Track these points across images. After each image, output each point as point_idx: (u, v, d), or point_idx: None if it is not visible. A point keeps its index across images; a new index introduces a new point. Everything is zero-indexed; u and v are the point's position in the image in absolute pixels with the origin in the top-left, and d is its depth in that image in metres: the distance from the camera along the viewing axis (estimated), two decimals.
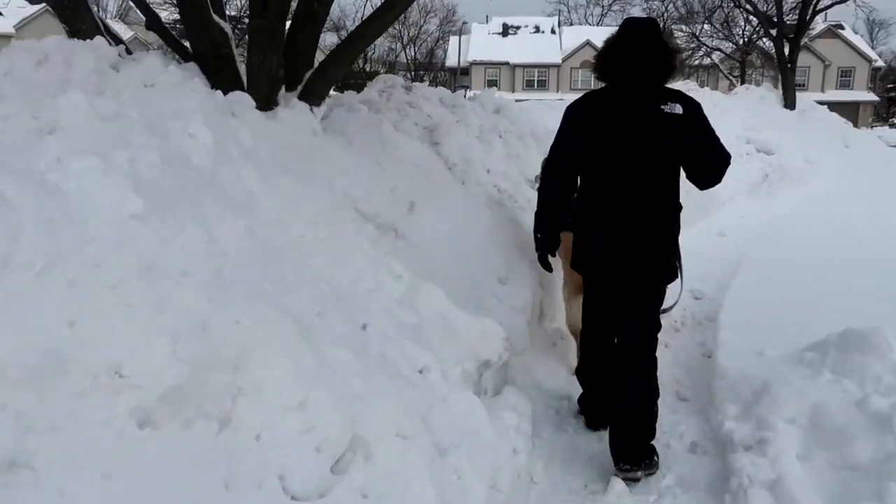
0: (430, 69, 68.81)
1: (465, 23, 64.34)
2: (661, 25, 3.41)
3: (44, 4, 4.10)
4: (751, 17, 22.13)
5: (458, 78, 54.81)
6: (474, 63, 55.45)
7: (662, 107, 3.03)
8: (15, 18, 43.66)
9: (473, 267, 4.01)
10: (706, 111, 3.23)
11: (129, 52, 3.76)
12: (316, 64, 4.42)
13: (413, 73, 66.64)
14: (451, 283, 3.51)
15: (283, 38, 4.12)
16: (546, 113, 7.97)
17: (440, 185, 4.58)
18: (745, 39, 32.40)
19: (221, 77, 3.80)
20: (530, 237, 3.62)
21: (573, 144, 3.16)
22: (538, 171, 4.38)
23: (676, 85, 10.11)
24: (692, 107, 3.10)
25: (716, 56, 37.93)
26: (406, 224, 3.93)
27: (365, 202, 3.68)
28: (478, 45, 56.61)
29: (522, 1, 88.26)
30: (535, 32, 58.08)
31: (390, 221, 3.81)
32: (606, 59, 3.19)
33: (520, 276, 4.19)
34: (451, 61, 55.26)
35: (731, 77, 34.50)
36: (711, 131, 3.16)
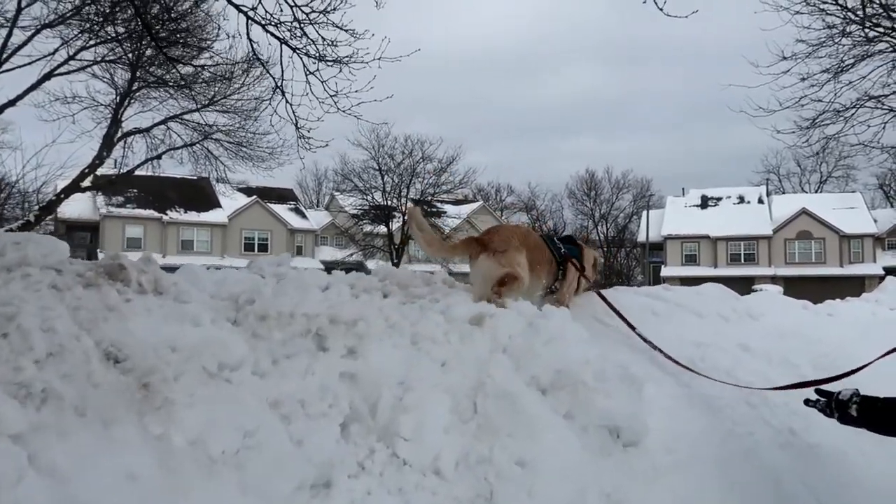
0: (623, 245, 65.47)
1: (652, 195, 61.20)
2: None
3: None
4: None
5: (648, 253, 50.44)
6: (669, 237, 51.02)
7: None
8: (229, 210, 48.59)
9: None
10: None
11: None
12: None
13: (606, 249, 63.87)
14: None
15: None
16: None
17: None
18: None
19: None
20: None
21: None
22: None
23: None
24: None
25: None
26: None
27: None
28: (673, 218, 52.52)
29: (724, 172, 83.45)
30: (739, 203, 52.76)
31: None
32: None
33: None
34: (644, 236, 51.57)
35: None
36: None
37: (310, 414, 2.31)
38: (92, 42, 16.08)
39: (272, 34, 5.52)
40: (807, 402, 3.00)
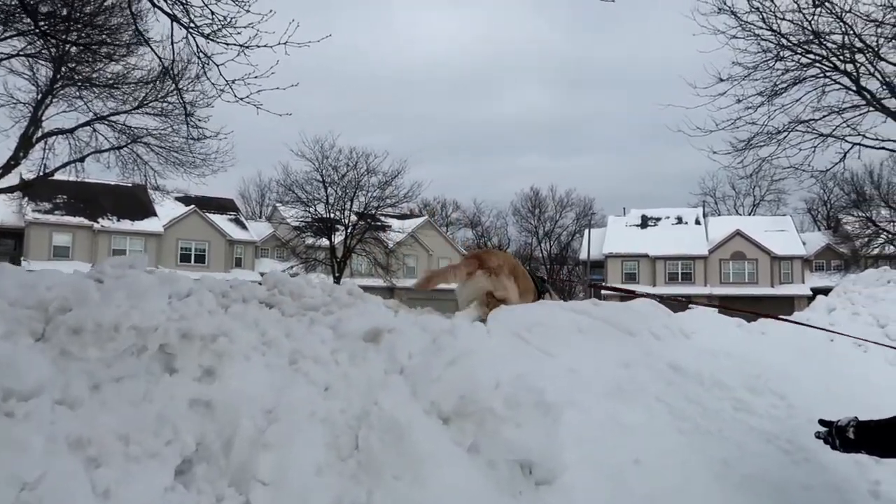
0: (566, 262, 66.17)
1: (594, 213, 62.45)
2: None
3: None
4: None
5: (589, 270, 51.05)
6: (610, 255, 51.86)
7: None
8: (165, 219, 46.84)
9: None
10: None
11: None
12: None
13: (549, 267, 64.40)
14: None
15: None
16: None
17: None
18: None
19: None
20: None
21: None
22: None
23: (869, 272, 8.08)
24: None
25: None
26: None
27: None
28: (614, 237, 53.50)
29: (663, 193, 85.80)
30: (677, 223, 54.10)
31: None
32: None
33: None
34: (586, 254, 52.37)
35: None
36: None
37: (132, 454, 1.82)
38: (7, 34, 15.00)
39: (160, 9, 4.96)
40: (817, 434, 3.03)
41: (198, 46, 5.20)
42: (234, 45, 5.07)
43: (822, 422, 2.99)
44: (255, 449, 2.03)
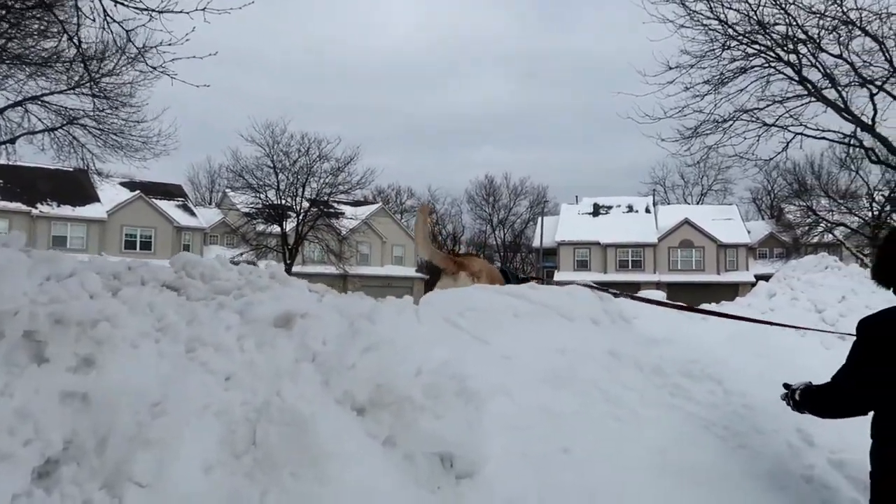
0: (519, 249, 66.64)
1: (547, 201, 63.01)
2: None
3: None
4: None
5: (542, 258, 51.50)
6: (562, 243, 52.37)
7: None
8: (108, 205, 45.27)
9: None
10: None
11: None
12: None
13: (503, 255, 64.78)
14: None
15: None
16: None
17: None
18: (876, 212, 27.80)
19: None
20: None
21: (871, 365, 2.69)
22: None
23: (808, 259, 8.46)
24: None
25: (839, 232, 33.22)
26: None
27: None
28: (566, 225, 54.02)
29: (615, 182, 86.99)
30: (628, 212, 55.00)
31: None
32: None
33: None
34: (539, 242, 52.79)
35: (861, 255, 29.03)
36: None
37: None
38: None
39: None
40: (781, 396, 3.26)
41: (104, 11, 4.84)
42: (146, 9, 4.74)
43: (785, 385, 3.22)
44: (134, 446, 1.81)
